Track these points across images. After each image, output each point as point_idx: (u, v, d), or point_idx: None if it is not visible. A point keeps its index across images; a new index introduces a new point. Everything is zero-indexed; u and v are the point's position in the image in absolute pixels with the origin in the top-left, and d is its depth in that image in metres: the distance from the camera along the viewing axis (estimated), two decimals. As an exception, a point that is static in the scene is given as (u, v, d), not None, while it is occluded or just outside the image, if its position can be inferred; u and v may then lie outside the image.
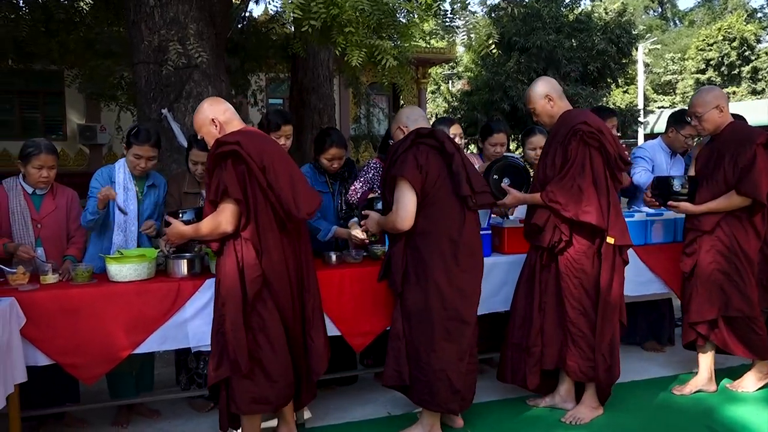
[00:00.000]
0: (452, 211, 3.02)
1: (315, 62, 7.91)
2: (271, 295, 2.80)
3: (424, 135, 3.06)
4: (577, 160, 3.19)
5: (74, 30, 6.44)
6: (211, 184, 2.77)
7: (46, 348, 2.85)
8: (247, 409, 2.80)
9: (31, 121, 14.22)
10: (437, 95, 22.82)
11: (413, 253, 3.03)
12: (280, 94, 15.69)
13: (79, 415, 3.45)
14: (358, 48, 4.53)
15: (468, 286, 3.05)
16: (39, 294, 2.88)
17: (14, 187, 3.32)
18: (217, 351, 2.78)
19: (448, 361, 2.98)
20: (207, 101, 2.95)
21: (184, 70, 4.73)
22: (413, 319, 3.02)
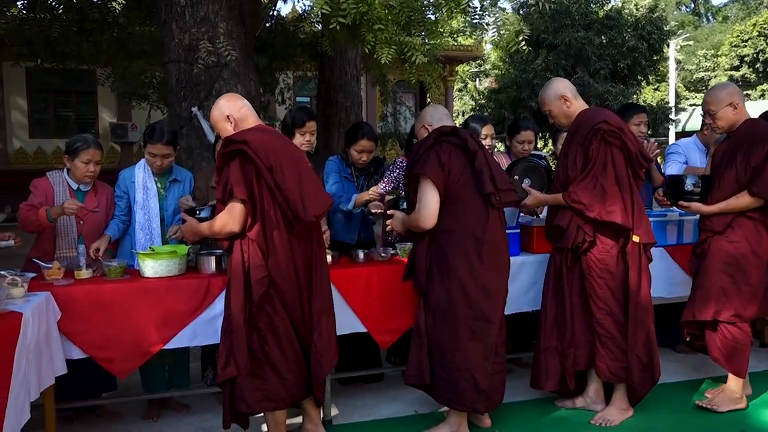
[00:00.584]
0: (476, 209, 3.00)
1: (342, 60, 7.94)
2: (278, 296, 2.77)
3: (447, 133, 3.05)
4: (598, 159, 3.15)
5: (107, 30, 6.56)
6: (219, 183, 2.77)
7: (81, 341, 2.90)
8: (258, 407, 2.79)
9: (65, 120, 14.52)
10: (464, 93, 22.71)
11: (437, 251, 3.01)
12: (307, 93, 15.77)
13: (112, 407, 3.52)
14: (387, 45, 4.54)
15: (492, 285, 3.02)
16: (73, 289, 2.94)
17: (60, 182, 3.39)
18: (225, 350, 2.77)
19: (473, 361, 2.96)
20: (223, 98, 2.95)
21: (214, 69, 4.77)
22: (437, 317, 3.01)
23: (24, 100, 13.94)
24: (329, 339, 2.95)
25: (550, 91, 3.34)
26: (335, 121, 7.98)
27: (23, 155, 14.00)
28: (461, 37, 12.98)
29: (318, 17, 4.19)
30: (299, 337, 2.86)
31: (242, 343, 2.70)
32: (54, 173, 3.44)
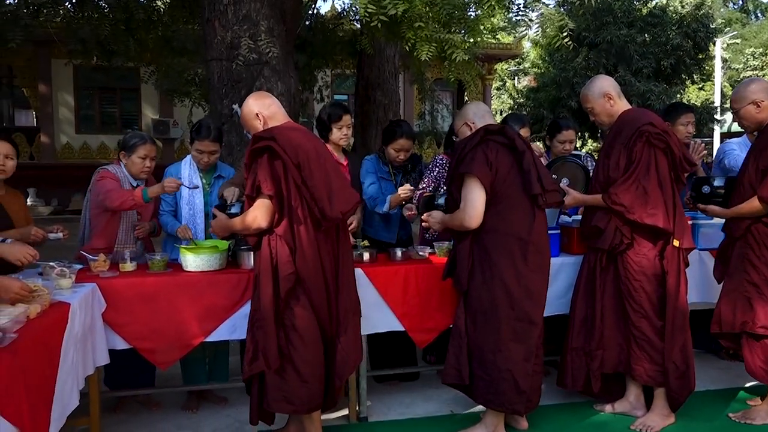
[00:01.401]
0: (522, 209, 2.97)
1: (381, 58, 7.95)
2: (305, 293, 2.76)
3: (494, 132, 3.01)
4: (642, 161, 3.09)
5: (152, 29, 6.71)
6: (248, 180, 2.78)
7: (124, 332, 2.97)
8: (277, 407, 2.78)
9: (110, 116, 14.92)
10: (502, 92, 22.49)
11: (480, 251, 2.98)
12: (345, 90, 15.86)
13: (153, 397, 3.59)
14: (427, 42, 4.53)
15: (536, 286, 2.99)
16: (118, 281, 3.01)
17: (124, 177, 3.44)
18: (252, 345, 2.77)
19: (514, 362, 2.94)
20: (252, 96, 2.96)
21: (255, 66, 4.83)
22: (479, 318, 2.99)
23: (71, 96, 14.37)
24: (355, 338, 2.95)
25: (594, 88, 3.28)
26: (373, 118, 7.99)
27: (70, 150, 14.42)
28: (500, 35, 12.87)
29: (357, 15, 4.18)
30: (324, 338, 2.83)
31: (272, 338, 2.71)
32: (113, 167, 3.49)
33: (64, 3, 6.58)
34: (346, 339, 2.87)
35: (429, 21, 4.53)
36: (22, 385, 1.91)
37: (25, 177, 11.20)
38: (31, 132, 14.49)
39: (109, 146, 14.44)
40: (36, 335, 2.12)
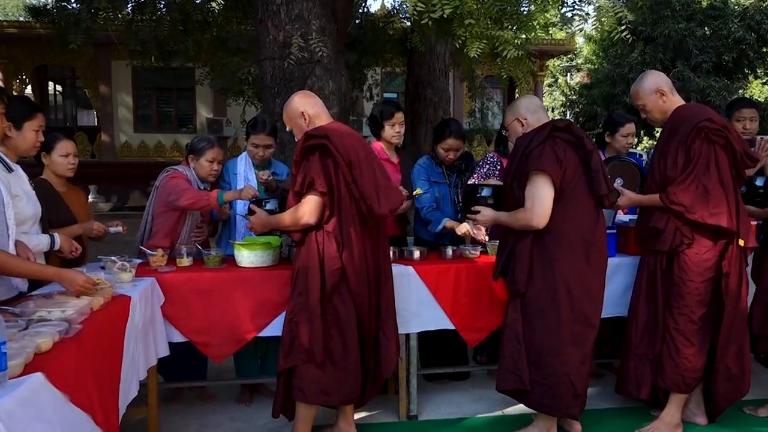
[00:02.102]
0: (587, 209, 2.90)
1: (431, 56, 7.91)
2: (348, 290, 2.80)
3: (561, 128, 2.93)
4: (701, 159, 2.97)
5: (208, 29, 6.86)
6: (297, 176, 2.81)
7: (181, 326, 3.06)
8: (314, 399, 2.82)
9: (166, 115, 15.36)
10: (554, 88, 22.07)
11: (541, 252, 2.89)
12: (394, 88, 15.87)
13: (208, 389, 3.68)
14: (478, 40, 4.48)
15: (595, 288, 2.93)
16: (175, 275, 3.10)
17: (192, 179, 3.51)
18: (289, 339, 2.82)
19: (572, 365, 2.88)
20: (297, 95, 2.99)
21: (307, 65, 4.88)
22: (536, 320, 2.91)
23: (130, 97, 14.84)
24: (395, 335, 2.97)
25: (646, 84, 3.17)
26: (423, 116, 7.97)
27: (128, 149, 14.90)
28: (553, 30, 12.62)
29: (412, 13, 4.17)
30: (362, 335, 2.87)
31: (318, 332, 2.75)
32: (182, 167, 3.56)
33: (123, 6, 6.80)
34: (389, 331, 2.92)
35: (480, 18, 4.49)
36: (90, 374, 1.98)
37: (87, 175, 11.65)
38: (93, 131, 15.05)
39: (165, 145, 14.87)
40: (100, 326, 2.19)
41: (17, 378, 1.60)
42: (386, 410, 3.45)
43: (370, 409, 3.46)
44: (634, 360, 3.19)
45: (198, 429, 3.26)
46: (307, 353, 2.76)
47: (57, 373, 1.75)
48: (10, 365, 1.56)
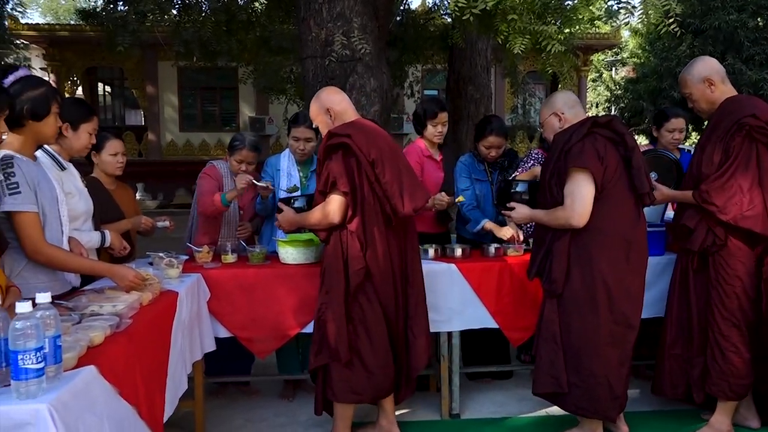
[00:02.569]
0: (627, 208, 2.83)
1: (473, 52, 7.84)
2: (374, 289, 2.78)
3: (602, 124, 2.84)
4: (740, 157, 2.84)
5: (251, 29, 6.96)
6: (321, 175, 2.80)
7: (226, 321, 3.11)
8: (343, 397, 2.82)
9: (210, 114, 15.64)
10: (598, 83, 21.60)
11: (579, 251, 2.82)
12: (435, 85, 15.80)
13: (252, 384, 3.74)
14: (521, 35, 4.42)
15: (635, 288, 2.85)
16: (220, 272, 3.15)
17: (228, 174, 3.62)
18: (318, 338, 2.82)
19: (610, 367, 2.81)
20: (324, 91, 2.97)
21: (348, 63, 4.89)
22: (574, 322, 2.84)
23: (175, 96, 15.17)
24: (425, 335, 2.93)
25: (694, 71, 3.04)
26: (464, 113, 7.91)
27: (174, 147, 15.23)
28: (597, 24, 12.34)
29: (453, 9, 4.13)
30: (390, 333, 2.85)
31: (343, 332, 2.74)
32: (220, 162, 3.67)
33: (169, 8, 6.95)
34: (418, 331, 2.89)
35: (523, 12, 4.42)
36: (137, 368, 2.03)
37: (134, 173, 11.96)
38: (140, 131, 15.44)
39: (210, 143, 15.15)
40: (148, 321, 2.25)
41: (71, 370, 1.65)
42: (428, 408, 3.44)
43: (413, 406, 3.45)
44: (669, 360, 3.11)
45: (243, 423, 3.31)
46: (333, 352, 2.76)
47: (108, 366, 1.79)
48: (64, 358, 1.61)
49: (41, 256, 2.28)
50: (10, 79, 2.27)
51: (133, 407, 1.95)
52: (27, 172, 2.25)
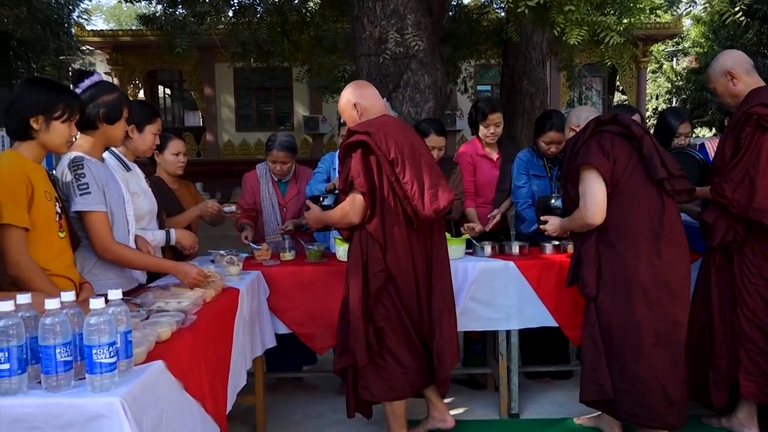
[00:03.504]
0: (649, 199, 2.72)
1: (527, 46, 7.72)
2: (396, 291, 2.72)
3: (606, 121, 2.81)
4: (750, 148, 2.75)
5: (305, 29, 7.04)
6: (342, 174, 2.77)
7: (285, 318, 3.16)
8: (383, 396, 2.78)
9: (265, 114, 15.92)
10: (658, 74, 20.91)
11: (608, 250, 2.75)
12: (488, 81, 15.63)
13: (310, 380, 3.79)
14: (578, 26, 4.31)
15: (676, 282, 2.71)
16: (279, 269, 3.20)
17: (265, 174, 3.70)
18: (342, 338, 2.78)
19: (661, 369, 2.68)
20: (351, 85, 2.92)
21: (402, 60, 4.89)
22: (614, 325, 2.74)
23: (232, 97, 15.50)
24: (451, 337, 2.83)
25: (716, 65, 2.97)
26: (519, 108, 7.79)
27: (231, 147, 15.58)
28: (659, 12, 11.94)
29: (502, 3, 4.08)
30: (416, 332, 2.80)
31: (360, 334, 2.68)
32: (261, 166, 3.77)
33: (226, 10, 7.10)
34: (441, 339, 2.77)
35: (580, 3, 4.32)
36: (202, 363, 2.08)
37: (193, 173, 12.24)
38: (198, 131, 15.85)
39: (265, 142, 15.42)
40: (212, 317, 2.30)
41: (140, 365, 1.71)
42: (486, 407, 3.41)
43: (470, 405, 3.43)
44: (692, 362, 2.97)
45: (301, 419, 3.35)
46: (351, 354, 2.72)
47: (174, 361, 1.84)
48: (135, 352, 1.66)
49: (110, 254, 2.36)
50: (86, 83, 2.38)
51: (197, 402, 2.01)
52: (96, 173, 2.34)
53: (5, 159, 1.99)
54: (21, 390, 1.51)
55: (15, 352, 1.48)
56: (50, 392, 1.51)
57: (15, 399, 1.50)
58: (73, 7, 16.00)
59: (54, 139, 2.08)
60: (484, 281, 3.17)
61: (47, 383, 1.51)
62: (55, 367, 1.50)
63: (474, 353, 3.85)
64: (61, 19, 15.03)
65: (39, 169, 2.10)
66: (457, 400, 3.56)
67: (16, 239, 1.94)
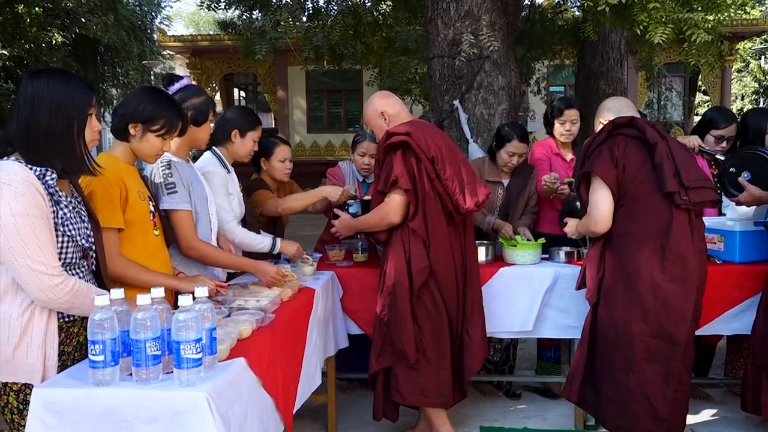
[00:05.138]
0: (658, 210, 2.59)
1: (605, 45, 7.50)
2: (437, 287, 2.77)
3: (622, 125, 2.68)
4: None
5: (378, 31, 7.08)
6: (381, 175, 2.79)
7: (358, 319, 3.18)
8: (412, 399, 2.81)
9: (335, 116, 16.16)
10: (744, 74, 19.86)
11: (613, 258, 2.66)
12: (561, 81, 15.32)
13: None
14: (662, 24, 4.16)
15: (675, 300, 2.56)
16: (352, 270, 3.23)
17: (350, 173, 3.74)
18: (380, 340, 2.81)
19: (650, 384, 2.58)
20: (377, 95, 2.98)
21: (476, 61, 4.84)
22: (608, 332, 2.66)
23: (303, 99, 15.82)
24: (482, 332, 2.92)
25: None
26: (595, 110, 7.55)
27: (302, 148, 15.90)
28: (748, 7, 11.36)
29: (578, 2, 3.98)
30: (451, 331, 2.83)
31: (410, 332, 2.73)
32: (345, 163, 3.78)
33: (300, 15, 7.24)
34: (474, 332, 2.86)
35: (665, 0, 4.15)
36: (279, 362, 2.12)
37: (266, 173, 12.55)
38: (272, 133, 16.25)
39: (335, 144, 15.64)
40: (288, 317, 2.34)
41: (224, 361, 1.75)
42: (561, 417, 3.33)
43: (545, 414, 3.35)
44: (752, 372, 2.85)
45: (372, 420, 3.35)
46: (399, 354, 2.76)
47: (255, 358, 1.89)
48: (219, 349, 1.71)
49: (194, 252, 2.44)
50: (175, 86, 2.49)
51: (272, 399, 2.04)
52: (182, 173, 2.43)
53: (102, 162, 2.09)
54: (114, 381, 1.59)
55: (109, 345, 1.55)
56: (140, 384, 1.58)
57: (107, 390, 1.57)
58: (156, 14, 16.75)
59: (145, 148, 2.15)
60: (560, 288, 3.10)
61: (137, 375, 1.58)
62: (145, 360, 1.56)
63: (546, 360, 3.76)
64: (144, 26, 15.76)
65: (132, 170, 2.19)
66: (529, 408, 3.49)
67: (109, 241, 2.01)
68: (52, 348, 1.74)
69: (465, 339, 2.90)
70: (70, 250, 1.77)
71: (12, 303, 1.70)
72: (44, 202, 1.68)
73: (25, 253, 1.62)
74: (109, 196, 2.02)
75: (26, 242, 1.62)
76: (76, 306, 1.72)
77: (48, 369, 1.73)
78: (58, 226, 1.72)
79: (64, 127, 1.73)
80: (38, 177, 1.68)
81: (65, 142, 1.74)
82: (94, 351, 1.55)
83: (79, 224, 1.80)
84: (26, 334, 1.70)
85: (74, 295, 1.69)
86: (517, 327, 3.14)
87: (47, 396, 1.59)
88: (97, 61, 15.12)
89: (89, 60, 14.52)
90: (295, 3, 6.51)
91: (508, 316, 3.14)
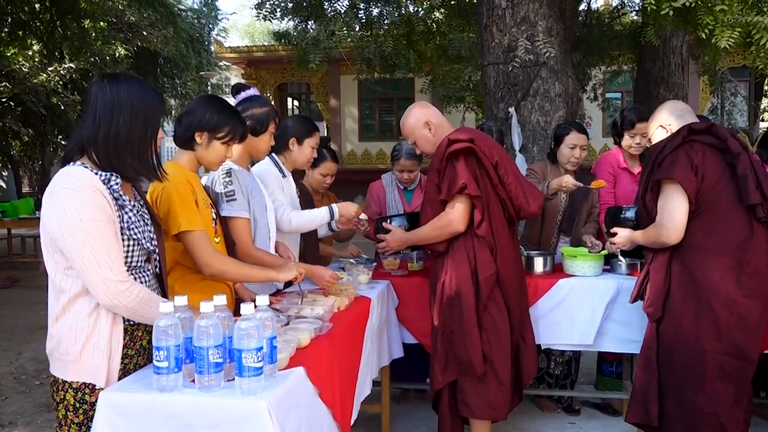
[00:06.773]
0: (737, 223, 2.45)
1: (665, 50, 7.28)
2: (503, 295, 2.72)
3: (699, 131, 2.52)
4: None
5: (431, 39, 7.07)
6: (442, 184, 2.70)
7: (413, 328, 3.15)
8: (481, 413, 2.73)
9: (387, 125, 16.20)
10: (814, 77, 18.96)
11: (682, 271, 2.51)
12: (617, 87, 14.96)
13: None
14: (729, 27, 3.99)
15: (752, 317, 2.44)
16: (407, 279, 3.20)
17: (391, 183, 3.76)
18: (443, 353, 2.74)
19: (722, 405, 2.45)
20: (416, 106, 2.92)
21: (532, 68, 4.76)
22: (676, 349, 2.52)
23: (355, 108, 15.94)
24: (533, 336, 2.93)
25: None
26: (655, 117, 7.35)
27: (353, 156, 16.01)
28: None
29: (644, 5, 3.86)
30: (511, 341, 2.78)
31: (476, 343, 2.67)
32: (387, 175, 3.81)
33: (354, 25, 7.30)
34: (528, 337, 2.88)
35: (733, 2, 3.99)
36: (336, 371, 2.11)
37: (318, 181, 12.68)
38: (324, 141, 16.39)
39: (386, 152, 15.69)
40: (345, 326, 2.33)
41: (283, 370, 1.75)
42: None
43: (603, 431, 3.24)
44: None
45: (426, 431, 3.32)
46: (465, 366, 2.69)
47: (313, 368, 1.88)
48: (279, 358, 1.71)
49: (251, 258, 2.46)
50: (241, 95, 2.55)
51: (329, 409, 2.03)
52: (242, 181, 2.46)
53: (168, 170, 2.13)
54: (177, 387, 1.60)
55: (172, 351, 1.57)
56: (202, 391, 1.59)
57: (171, 396, 1.59)
58: (213, 26, 17.21)
59: (210, 156, 2.19)
60: (623, 300, 2.99)
61: (200, 382, 1.59)
62: (208, 367, 1.57)
63: (608, 375, 3.64)
64: (202, 38, 16.23)
65: (196, 177, 2.23)
66: (588, 426, 3.38)
67: (200, 241, 2.06)
68: (116, 350, 1.77)
69: (521, 345, 2.87)
70: (136, 253, 1.80)
71: (81, 304, 1.74)
72: (110, 207, 1.71)
73: (93, 259, 1.66)
74: (185, 200, 2.06)
75: (95, 248, 1.65)
76: (139, 313, 1.75)
77: (111, 371, 1.76)
78: (124, 230, 1.75)
79: (142, 133, 1.77)
80: (103, 182, 1.71)
81: (141, 148, 1.77)
82: (159, 357, 1.57)
83: (143, 227, 1.83)
84: (93, 334, 1.74)
85: (138, 302, 1.72)
86: (577, 339, 3.05)
87: (114, 399, 1.62)
88: (157, 72, 15.64)
89: (150, 71, 15.04)
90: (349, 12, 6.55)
91: (567, 328, 3.05)
